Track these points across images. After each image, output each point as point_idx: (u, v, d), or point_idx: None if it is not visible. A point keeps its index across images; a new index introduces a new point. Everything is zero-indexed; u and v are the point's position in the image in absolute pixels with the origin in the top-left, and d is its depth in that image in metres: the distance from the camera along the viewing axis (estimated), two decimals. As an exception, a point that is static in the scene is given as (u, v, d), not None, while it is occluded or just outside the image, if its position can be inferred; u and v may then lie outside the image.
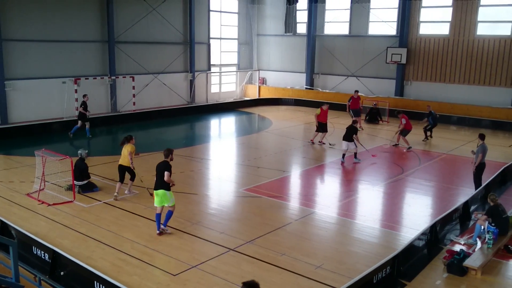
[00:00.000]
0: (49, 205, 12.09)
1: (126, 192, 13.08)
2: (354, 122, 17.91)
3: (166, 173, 10.06)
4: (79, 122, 20.44)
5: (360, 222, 11.58)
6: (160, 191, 10.21)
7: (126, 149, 12.69)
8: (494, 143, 20.22)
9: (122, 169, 12.86)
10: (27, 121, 21.88)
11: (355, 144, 17.00)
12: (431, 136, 21.47)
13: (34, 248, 9.13)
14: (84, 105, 20.40)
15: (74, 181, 12.95)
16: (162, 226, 10.44)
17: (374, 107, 26.10)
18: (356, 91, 24.01)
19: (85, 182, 13.20)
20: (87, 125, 20.54)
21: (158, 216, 10.38)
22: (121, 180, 12.86)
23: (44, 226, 10.83)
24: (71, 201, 12.36)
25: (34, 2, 21.95)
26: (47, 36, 22.61)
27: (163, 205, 10.30)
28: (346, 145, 16.96)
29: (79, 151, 13.54)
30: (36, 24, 22.16)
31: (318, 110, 19.58)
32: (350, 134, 16.97)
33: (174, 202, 10.42)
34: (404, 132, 19.42)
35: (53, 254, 8.68)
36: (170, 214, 10.45)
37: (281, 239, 10.35)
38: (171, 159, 10.37)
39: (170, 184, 10.22)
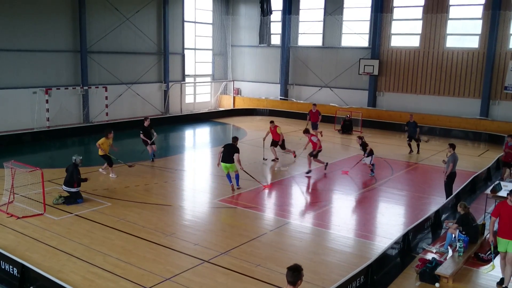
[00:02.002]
0: (18, 218, 11.79)
1: (111, 175, 15.56)
2: (362, 137, 17.60)
3: (236, 155, 14.27)
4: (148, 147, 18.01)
5: (334, 232, 11.66)
6: (229, 164, 14.35)
7: (100, 143, 15.34)
8: (464, 152, 20.69)
9: (103, 157, 15.59)
10: (-4, 132, 21.39)
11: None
12: (411, 148, 21.07)
13: (2, 263, 8.87)
14: (143, 130, 17.78)
15: (64, 187, 12.98)
16: (235, 185, 14.62)
17: (347, 118, 26.40)
18: (314, 105, 23.76)
19: (75, 189, 12.96)
20: (150, 149, 17.75)
21: (228, 176, 14.64)
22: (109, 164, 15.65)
23: (12, 239, 10.54)
24: (41, 214, 12.08)
25: (3, 11, 21.55)
26: (17, 46, 22.19)
27: (229, 171, 14.52)
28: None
29: (73, 157, 13.46)
30: (5, 34, 21.73)
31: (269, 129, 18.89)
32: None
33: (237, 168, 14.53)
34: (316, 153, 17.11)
35: (22, 268, 8.46)
36: (238, 176, 14.68)
37: (256, 250, 10.33)
38: (236, 144, 14.55)
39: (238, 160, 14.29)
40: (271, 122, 19.15)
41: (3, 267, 8.83)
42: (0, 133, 21.28)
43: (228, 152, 14.38)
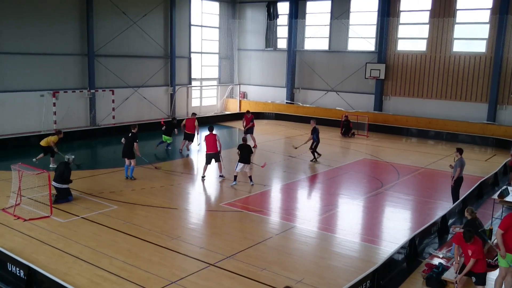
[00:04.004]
0: (25, 220, 11.84)
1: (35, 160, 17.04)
2: (245, 139, 16.23)
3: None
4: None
5: (340, 236, 11.63)
6: (169, 138, 20.80)
7: (51, 139, 17.05)
8: (471, 157, 20.58)
9: (44, 148, 17.23)
10: (3, 134, 21.48)
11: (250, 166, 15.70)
12: (319, 154, 19.62)
13: (9, 265, 8.91)
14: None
15: (54, 182, 13.01)
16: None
17: (345, 119, 26.37)
18: (248, 111, 22.80)
19: (65, 186, 13.19)
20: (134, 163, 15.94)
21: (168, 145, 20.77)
22: (45, 154, 17.38)
23: (19, 242, 10.59)
24: (47, 216, 12.13)
25: (12, 15, 21.72)
26: (25, 49, 22.34)
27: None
28: (242, 167, 15.55)
29: (66, 156, 13.72)
30: (14, 37, 21.89)
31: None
32: (248, 155, 15.53)
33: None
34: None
35: (29, 270, 8.48)
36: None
37: (261, 253, 10.31)
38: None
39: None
40: (193, 113, 22.02)
41: (10, 269, 8.87)
42: (8, 135, 21.41)
43: (170, 130, 20.57)
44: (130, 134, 15.94)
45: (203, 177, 16.35)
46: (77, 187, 14.63)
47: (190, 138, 20.93)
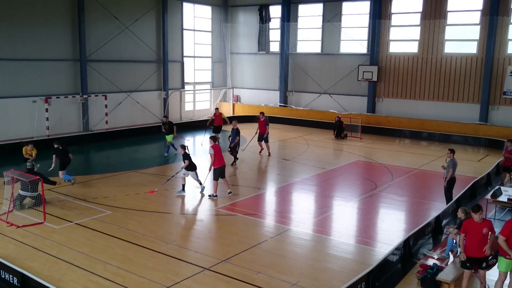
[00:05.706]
0: (18, 227, 11.77)
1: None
2: (183, 147, 15.30)
3: None
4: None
5: (335, 238, 11.64)
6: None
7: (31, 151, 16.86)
8: (464, 157, 20.69)
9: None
10: (-4, 141, 21.39)
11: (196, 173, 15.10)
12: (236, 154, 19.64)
13: (2, 272, 8.86)
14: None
15: (28, 194, 12.94)
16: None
17: (337, 120, 26.38)
18: (262, 113, 22.44)
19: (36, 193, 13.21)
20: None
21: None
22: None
23: (12, 248, 10.52)
24: (41, 223, 12.06)
25: (3, 20, 21.63)
26: (17, 55, 22.24)
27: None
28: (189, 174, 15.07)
29: (26, 164, 13.89)
30: (5, 43, 21.77)
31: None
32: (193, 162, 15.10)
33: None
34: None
35: (22, 277, 8.44)
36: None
37: (256, 257, 10.30)
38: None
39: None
40: (216, 108, 24.38)
41: (3, 277, 8.81)
42: (0, 142, 21.27)
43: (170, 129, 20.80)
44: (62, 147, 15.85)
45: (215, 196, 14.68)
46: (71, 193, 14.59)
47: (218, 130, 23.60)
